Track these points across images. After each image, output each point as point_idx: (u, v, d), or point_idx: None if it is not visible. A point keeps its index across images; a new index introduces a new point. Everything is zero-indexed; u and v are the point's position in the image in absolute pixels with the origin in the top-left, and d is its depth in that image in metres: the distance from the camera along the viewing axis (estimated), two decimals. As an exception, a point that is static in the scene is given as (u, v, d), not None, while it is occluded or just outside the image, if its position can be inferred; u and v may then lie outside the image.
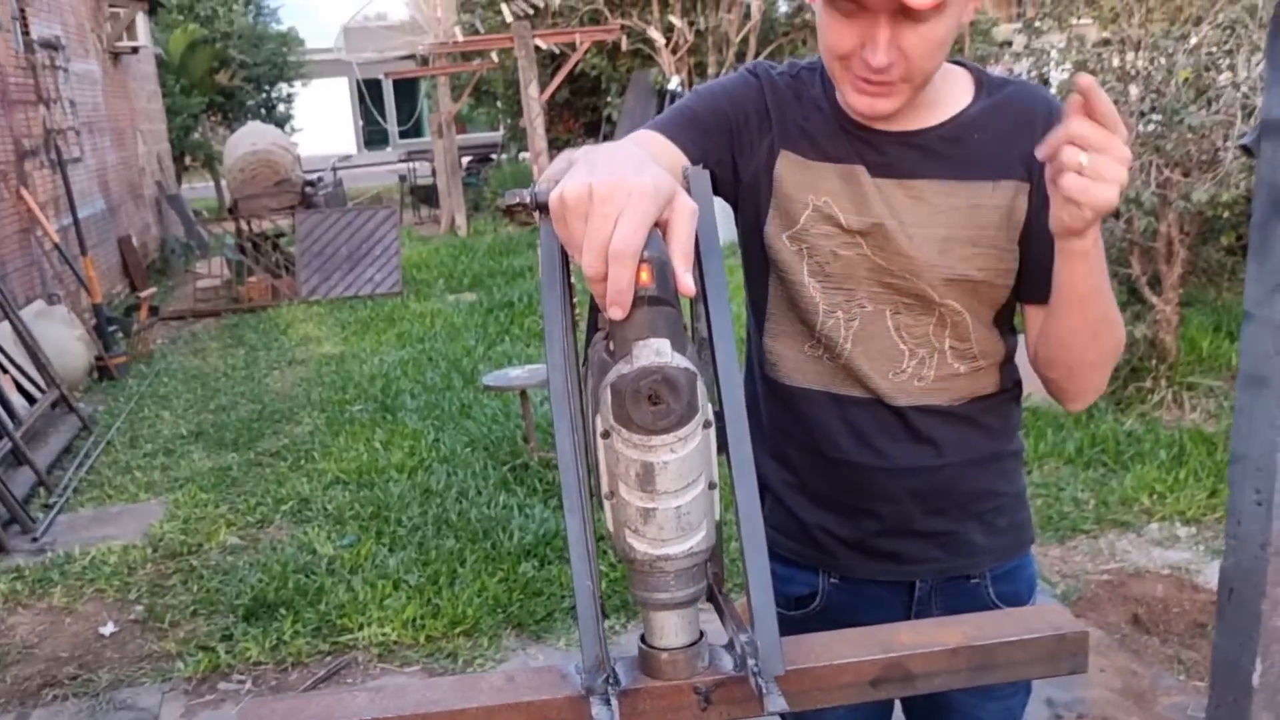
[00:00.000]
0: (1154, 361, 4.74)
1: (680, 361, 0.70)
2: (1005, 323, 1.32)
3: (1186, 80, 4.09)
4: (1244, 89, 3.99)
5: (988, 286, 1.24)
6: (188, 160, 17.31)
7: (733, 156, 1.26)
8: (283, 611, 3.54)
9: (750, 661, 0.76)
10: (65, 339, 6.48)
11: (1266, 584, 1.83)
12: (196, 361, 7.40)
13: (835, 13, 1.11)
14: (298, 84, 22.21)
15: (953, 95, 1.23)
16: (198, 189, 19.22)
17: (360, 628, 3.42)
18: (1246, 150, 1.77)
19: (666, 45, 12.46)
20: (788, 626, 1.42)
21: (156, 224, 12.77)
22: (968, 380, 1.29)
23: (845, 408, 1.30)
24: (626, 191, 0.72)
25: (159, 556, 4.11)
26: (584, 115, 15.50)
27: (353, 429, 5.44)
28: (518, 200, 0.82)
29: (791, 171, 1.25)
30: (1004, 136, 1.21)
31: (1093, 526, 3.84)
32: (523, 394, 4.59)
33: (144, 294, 9.00)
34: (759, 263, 1.32)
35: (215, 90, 18.32)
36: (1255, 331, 1.76)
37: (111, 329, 7.19)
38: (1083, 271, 1.10)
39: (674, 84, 11.92)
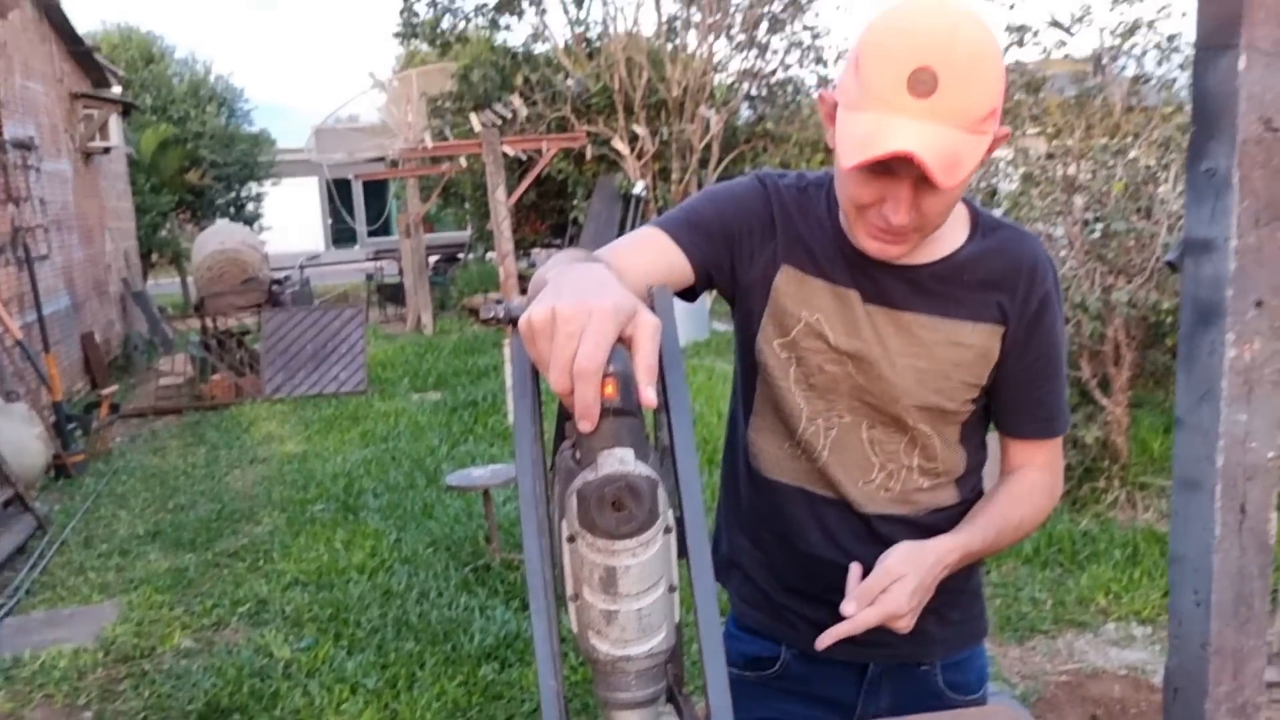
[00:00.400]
0: (1107, 462, 4.84)
1: (643, 470, 0.74)
2: (973, 440, 1.39)
3: (1125, 191, 4.29)
4: (1176, 204, 4.19)
5: (953, 414, 1.33)
6: (154, 257, 17.34)
7: (732, 262, 1.31)
8: (237, 717, 3.47)
9: None
10: (23, 437, 6.40)
11: (1209, 683, 1.87)
12: (156, 460, 7.32)
13: (863, 170, 1.14)
14: (268, 183, 22.44)
15: (951, 232, 1.30)
16: (163, 286, 19.21)
17: (316, 734, 3.36)
18: (1171, 266, 1.88)
19: (631, 152, 12.80)
20: (748, 688, 1.47)
21: (121, 321, 12.73)
22: (930, 494, 1.37)
23: (817, 506, 1.37)
24: (588, 312, 0.76)
25: (110, 660, 4.02)
26: (550, 217, 15.79)
27: (313, 529, 5.39)
28: (493, 315, 0.89)
29: (789, 285, 1.31)
30: (990, 282, 1.29)
31: (1051, 626, 3.87)
32: (485, 494, 4.60)
33: (105, 391, 8.92)
34: (751, 362, 1.38)
35: (185, 189, 18.47)
36: (1187, 438, 1.84)
37: (71, 426, 7.12)
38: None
39: (639, 189, 12.22)
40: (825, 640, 1.18)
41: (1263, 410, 1.78)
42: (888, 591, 1.18)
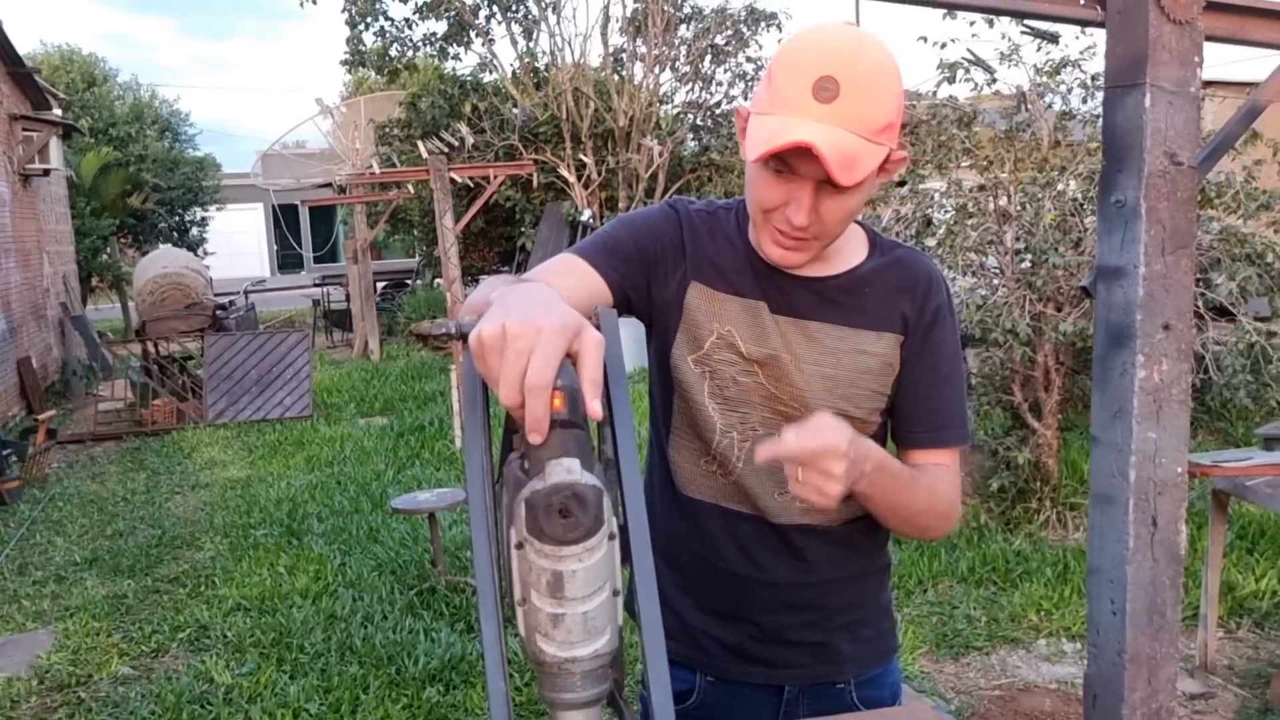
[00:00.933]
0: (1038, 484, 4.98)
1: (589, 479, 0.77)
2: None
3: (1053, 223, 4.46)
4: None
5: (861, 423, 1.38)
6: (94, 281, 17.04)
7: (648, 282, 1.37)
8: (176, 743, 3.44)
9: None
10: (-44, 463, 6.27)
11: (1125, 689, 1.96)
12: (94, 486, 7.20)
13: (768, 171, 1.24)
14: (212, 208, 22.21)
15: (851, 250, 1.39)
16: (103, 311, 18.87)
17: (257, 759, 3.34)
18: (1086, 291, 1.98)
19: (578, 181, 12.90)
20: None
21: (59, 345, 12.49)
22: (842, 504, 1.40)
23: (732, 522, 1.42)
24: (537, 330, 0.80)
25: (45, 689, 3.96)
26: (498, 244, 15.81)
27: (256, 554, 5.34)
28: (444, 331, 0.93)
29: (700, 301, 1.37)
30: (889, 295, 1.37)
31: (985, 643, 3.97)
32: (431, 517, 4.61)
33: (42, 417, 8.74)
34: (667, 380, 1.43)
35: (127, 213, 18.21)
36: (1102, 454, 1.94)
37: (6, 453, 6.97)
38: (870, 504, 1.31)
39: (586, 216, 12.32)
40: (763, 453, 1.15)
41: (1171, 428, 1.88)
42: (828, 429, 1.15)
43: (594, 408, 0.81)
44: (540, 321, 0.81)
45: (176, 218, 20.81)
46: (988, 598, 4.33)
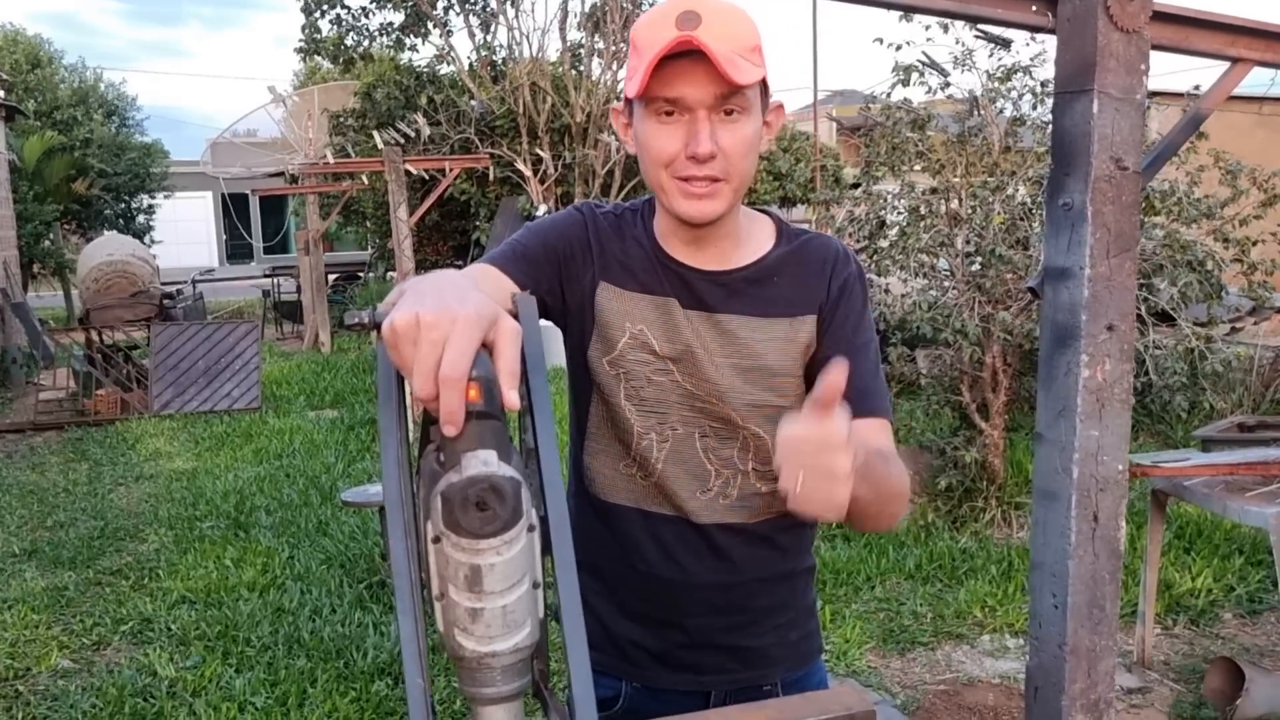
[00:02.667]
0: (985, 483, 5.07)
1: (506, 471, 0.76)
2: None
3: (1002, 225, 4.54)
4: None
5: (786, 411, 1.38)
6: (36, 268, 16.67)
7: (561, 286, 1.37)
8: (118, 737, 3.39)
9: None
10: (-111, 451, 6.11)
11: (1066, 681, 2.01)
12: (34, 476, 7.05)
13: (655, 119, 1.24)
14: (160, 196, 21.79)
15: (758, 240, 1.40)
16: (45, 298, 18.46)
17: (202, 752, 3.30)
18: (1033, 292, 2.02)
19: (534, 176, 12.86)
20: None
21: (-2, 333, 12.20)
22: (768, 499, 1.41)
23: (654, 524, 1.41)
24: (451, 319, 0.78)
25: (-18, 682, 3.88)
26: (453, 238, 15.70)
27: (202, 546, 5.27)
28: (357, 321, 0.91)
29: (610, 301, 1.37)
30: (799, 280, 1.38)
31: (930, 639, 4.04)
32: (381, 510, 4.57)
33: (-20, 405, 8.56)
34: (583, 385, 1.43)
35: (71, 198, 17.82)
36: (1045, 451, 1.98)
37: (-58, 441, 6.81)
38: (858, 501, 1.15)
39: (541, 211, 12.28)
40: (785, 476, 1.00)
41: (1113, 426, 1.93)
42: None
43: (511, 397, 0.79)
44: (455, 310, 0.79)
45: (123, 205, 20.38)
46: (934, 594, 4.40)
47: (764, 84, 1.28)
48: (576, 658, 0.83)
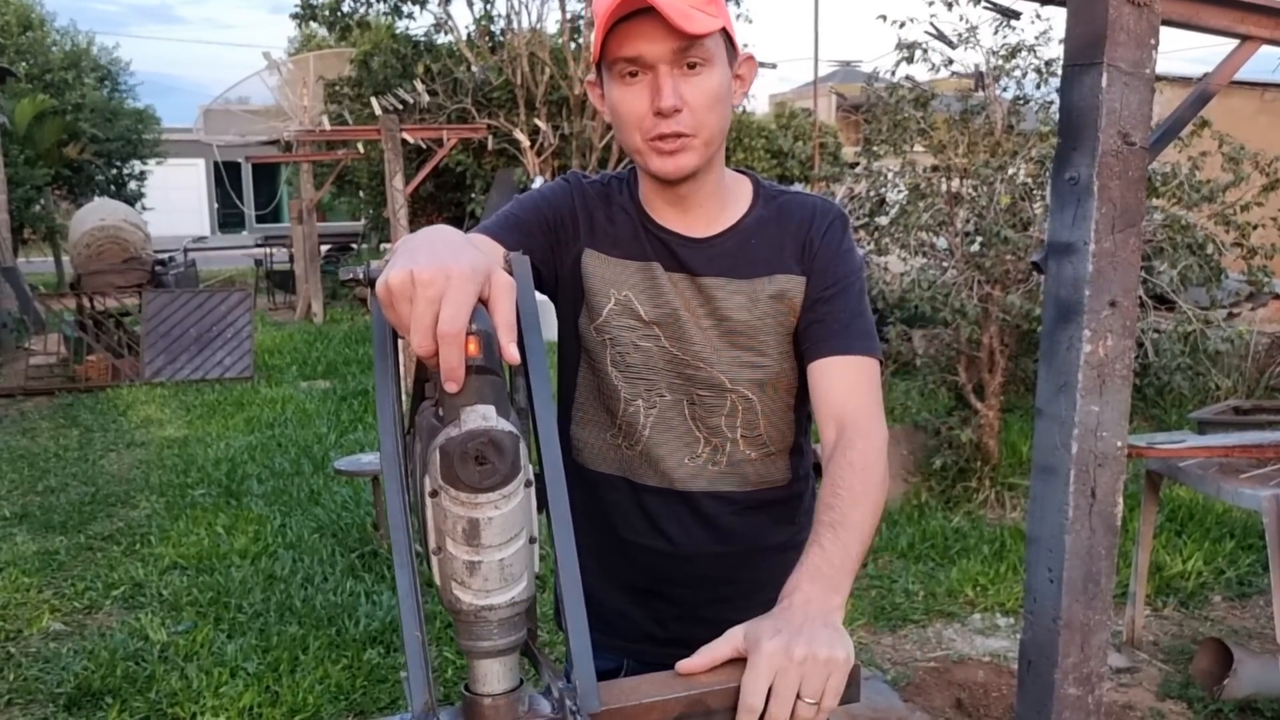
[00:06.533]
0: (979, 463, 5.07)
1: (505, 425, 0.76)
2: (798, 412, 1.44)
3: (1005, 205, 4.52)
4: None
5: (773, 373, 1.38)
6: (27, 233, 16.55)
7: (553, 255, 1.37)
8: (109, 700, 3.38)
9: (568, 703, 0.84)
10: (-121, 413, 6.08)
11: (1059, 654, 2.01)
12: (25, 441, 7.02)
13: (620, 82, 1.25)
14: (152, 162, 21.61)
15: (736, 201, 1.39)
16: (35, 264, 18.36)
17: (193, 717, 3.30)
18: (1036, 267, 2.01)
19: (531, 147, 12.79)
20: None
21: (-12, 297, 12.12)
22: (758, 466, 1.41)
23: (640, 494, 1.41)
24: (446, 275, 0.78)
25: (-28, 644, 3.87)
26: (448, 210, 15.64)
27: (194, 513, 5.26)
28: (351, 276, 0.92)
29: (596, 267, 1.37)
30: (778, 240, 1.37)
31: (922, 617, 4.05)
32: (374, 480, 4.57)
33: (-30, 369, 8.52)
34: (572, 354, 1.43)
35: (63, 163, 17.68)
36: (1045, 426, 1.98)
37: (-68, 404, 6.78)
38: None
39: (537, 183, 12.21)
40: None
41: (1113, 402, 1.93)
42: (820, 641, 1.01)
43: (510, 350, 0.80)
44: (450, 266, 0.79)
45: (114, 170, 20.20)
46: (926, 573, 4.42)
47: (729, 37, 1.28)
48: (574, 613, 0.85)
